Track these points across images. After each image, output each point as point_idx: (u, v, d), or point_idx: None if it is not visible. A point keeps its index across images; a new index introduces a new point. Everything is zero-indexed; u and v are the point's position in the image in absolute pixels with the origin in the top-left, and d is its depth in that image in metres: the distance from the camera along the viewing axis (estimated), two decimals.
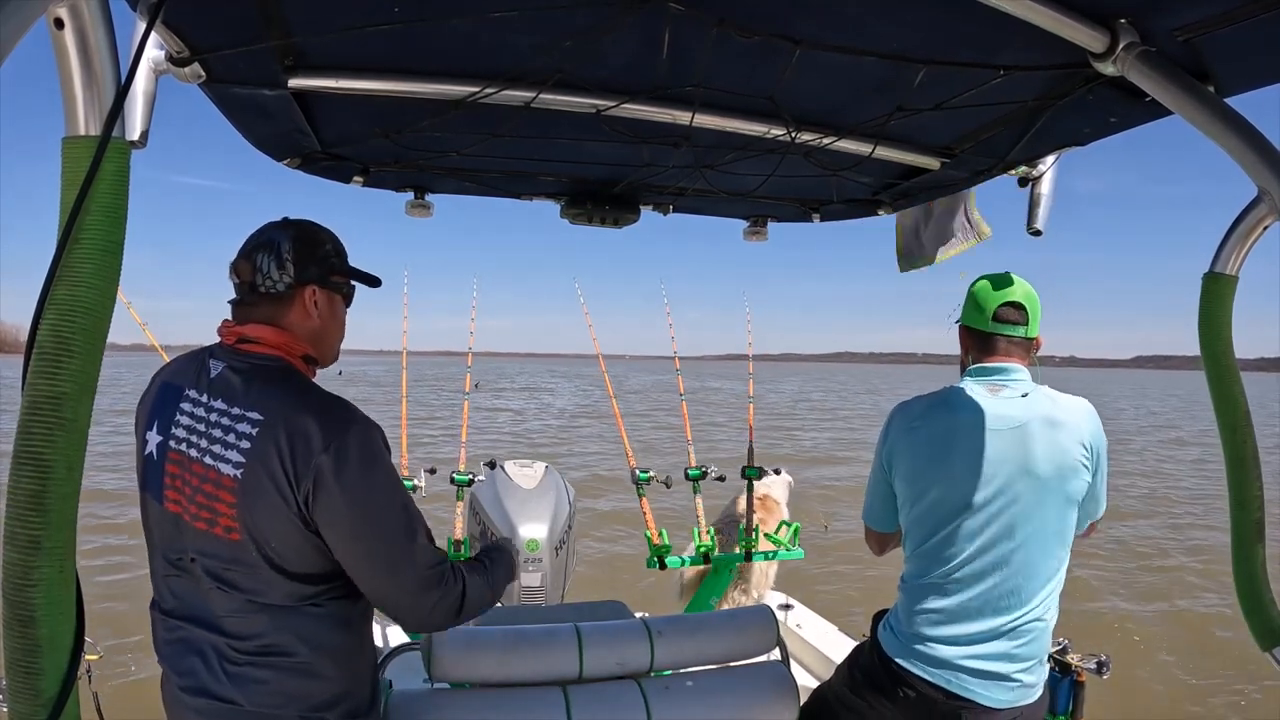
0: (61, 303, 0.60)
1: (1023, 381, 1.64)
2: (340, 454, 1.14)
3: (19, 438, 0.59)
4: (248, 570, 1.16)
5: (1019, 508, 1.56)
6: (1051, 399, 1.63)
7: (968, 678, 1.56)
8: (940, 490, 1.61)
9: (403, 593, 1.20)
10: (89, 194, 0.61)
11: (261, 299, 1.26)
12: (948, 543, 1.61)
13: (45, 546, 0.58)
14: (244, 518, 1.14)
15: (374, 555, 1.18)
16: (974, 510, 1.58)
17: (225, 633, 1.18)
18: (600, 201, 2.19)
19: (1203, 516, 9.82)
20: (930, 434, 1.64)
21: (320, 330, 1.32)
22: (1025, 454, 1.57)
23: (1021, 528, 1.56)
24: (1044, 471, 1.57)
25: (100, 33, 0.61)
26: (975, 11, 1.03)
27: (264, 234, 1.28)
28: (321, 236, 1.33)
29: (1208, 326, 1.11)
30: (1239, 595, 1.11)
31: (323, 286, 1.31)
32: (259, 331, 1.24)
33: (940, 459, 1.61)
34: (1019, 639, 1.57)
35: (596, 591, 4.82)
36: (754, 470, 3.39)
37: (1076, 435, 1.59)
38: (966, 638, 1.58)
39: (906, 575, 1.69)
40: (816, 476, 11.53)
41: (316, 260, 1.30)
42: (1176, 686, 4.77)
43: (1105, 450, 1.64)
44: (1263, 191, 1.02)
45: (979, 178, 1.95)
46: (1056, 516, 1.58)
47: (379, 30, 1.23)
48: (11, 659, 0.60)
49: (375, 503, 1.18)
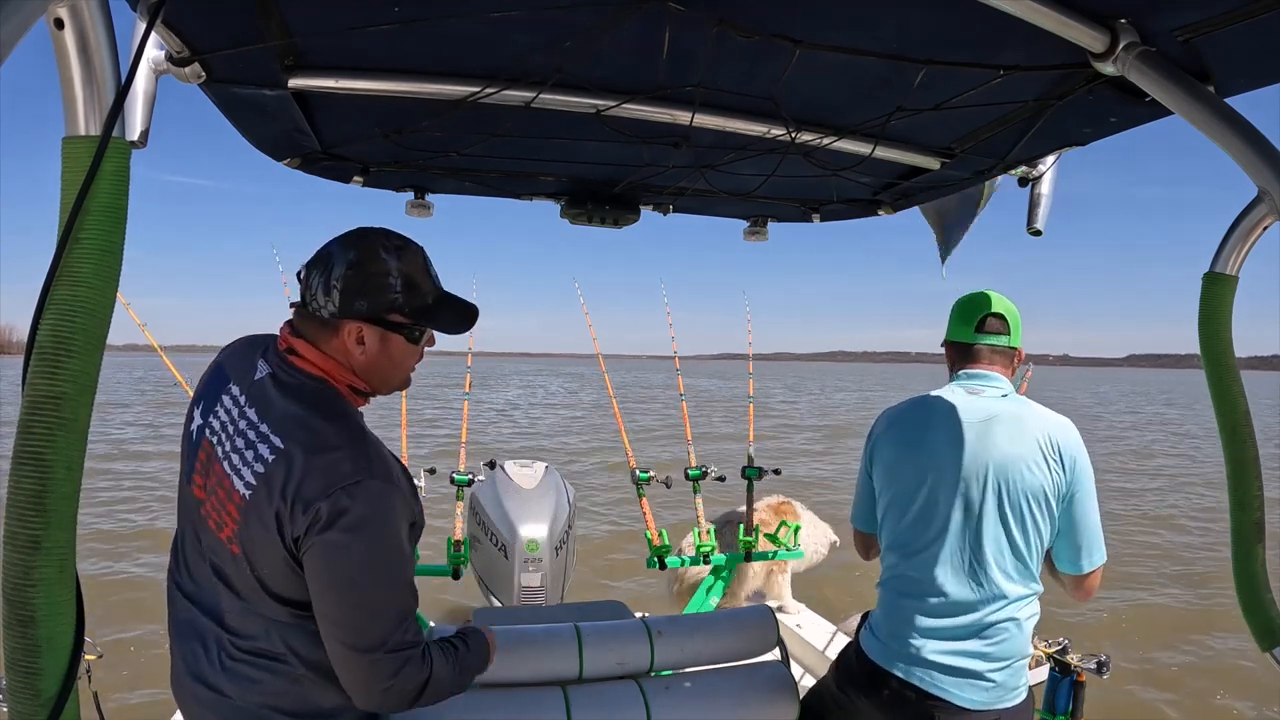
0: (61, 303, 0.60)
1: (1001, 387, 1.68)
2: (340, 508, 1.05)
3: (19, 438, 0.59)
4: (243, 582, 1.13)
5: (984, 500, 1.59)
6: (1028, 404, 1.66)
7: (940, 675, 1.58)
8: (910, 480, 1.66)
9: (357, 668, 1.10)
10: (89, 194, 0.61)
11: (309, 318, 1.16)
12: (915, 532, 1.65)
13: (45, 546, 0.58)
14: (243, 536, 1.10)
15: (342, 622, 1.09)
16: (939, 501, 1.63)
17: (226, 628, 1.15)
18: (600, 201, 2.19)
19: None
20: (905, 428, 1.71)
21: (369, 366, 1.18)
22: (990, 443, 1.60)
23: (986, 519, 1.58)
24: (1004, 457, 1.58)
25: (100, 33, 0.61)
26: (975, 12, 1.03)
27: (328, 246, 1.16)
28: (387, 266, 1.14)
29: (1208, 327, 1.11)
30: (1239, 596, 1.11)
31: (374, 324, 1.15)
32: (305, 349, 1.16)
33: (913, 451, 1.67)
34: (991, 638, 1.57)
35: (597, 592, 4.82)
36: (754, 470, 3.39)
37: (1043, 429, 1.59)
38: (937, 632, 1.60)
39: (882, 572, 1.74)
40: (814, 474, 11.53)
41: (370, 294, 1.13)
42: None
43: (1085, 469, 1.59)
44: (1263, 191, 1.02)
45: (979, 178, 1.95)
46: (1021, 514, 1.58)
47: (379, 30, 1.23)
48: (11, 659, 0.60)
49: (362, 568, 1.08)
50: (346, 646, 1.09)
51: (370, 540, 1.07)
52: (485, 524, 3.21)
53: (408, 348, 1.20)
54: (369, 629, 1.09)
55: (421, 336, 1.21)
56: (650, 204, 2.30)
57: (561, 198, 2.22)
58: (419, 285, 1.17)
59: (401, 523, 1.11)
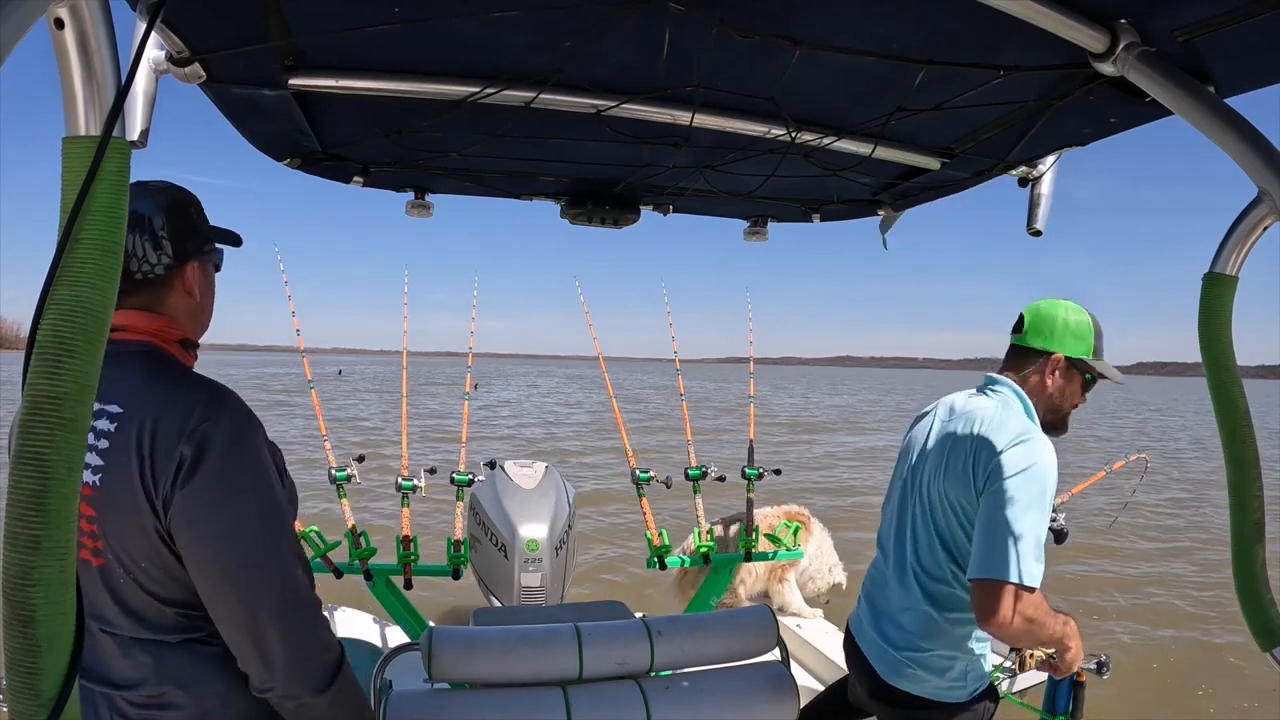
0: (62, 303, 0.60)
1: (1000, 389, 1.73)
2: (207, 441, 0.96)
3: (19, 438, 0.59)
4: (119, 602, 0.99)
5: (918, 485, 1.74)
6: (1005, 406, 1.68)
7: (869, 643, 1.79)
8: (893, 477, 1.89)
9: (262, 628, 0.97)
10: (89, 194, 0.61)
11: (138, 286, 1.09)
12: (882, 514, 1.89)
13: (45, 546, 0.58)
14: (105, 534, 0.98)
15: (234, 576, 0.97)
16: (893, 483, 1.86)
17: (114, 683, 1.01)
18: (600, 202, 2.19)
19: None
20: (911, 425, 1.91)
21: (199, 308, 1.17)
22: (938, 433, 1.74)
23: (910, 507, 1.75)
24: (938, 451, 1.70)
25: (100, 33, 0.61)
26: (975, 12, 1.03)
27: (130, 209, 1.09)
28: (189, 199, 1.16)
29: (1207, 327, 1.11)
30: (1239, 596, 1.11)
31: (199, 259, 1.15)
32: (129, 318, 1.07)
33: (903, 449, 1.88)
34: (903, 620, 1.72)
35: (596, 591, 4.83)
36: (754, 470, 3.39)
37: (978, 429, 1.62)
38: (872, 605, 1.83)
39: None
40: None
41: (192, 232, 1.14)
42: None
43: (1006, 481, 1.50)
44: (1263, 191, 1.02)
45: (979, 178, 1.95)
46: (943, 510, 1.66)
47: (379, 30, 1.23)
48: (11, 659, 0.60)
49: (244, 505, 0.98)
50: (246, 607, 0.97)
51: (244, 474, 0.99)
52: (485, 524, 3.21)
53: (213, 275, 1.22)
54: (266, 574, 0.98)
55: (221, 260, 1.22)
56: (650, 204, 2.30)
57: (561, 198, 2.22)
58: (205, 216, 1.19)
59: (270, 461, 1.04)
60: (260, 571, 0.99)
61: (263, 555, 0.99)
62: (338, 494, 3.06)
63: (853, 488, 11.27)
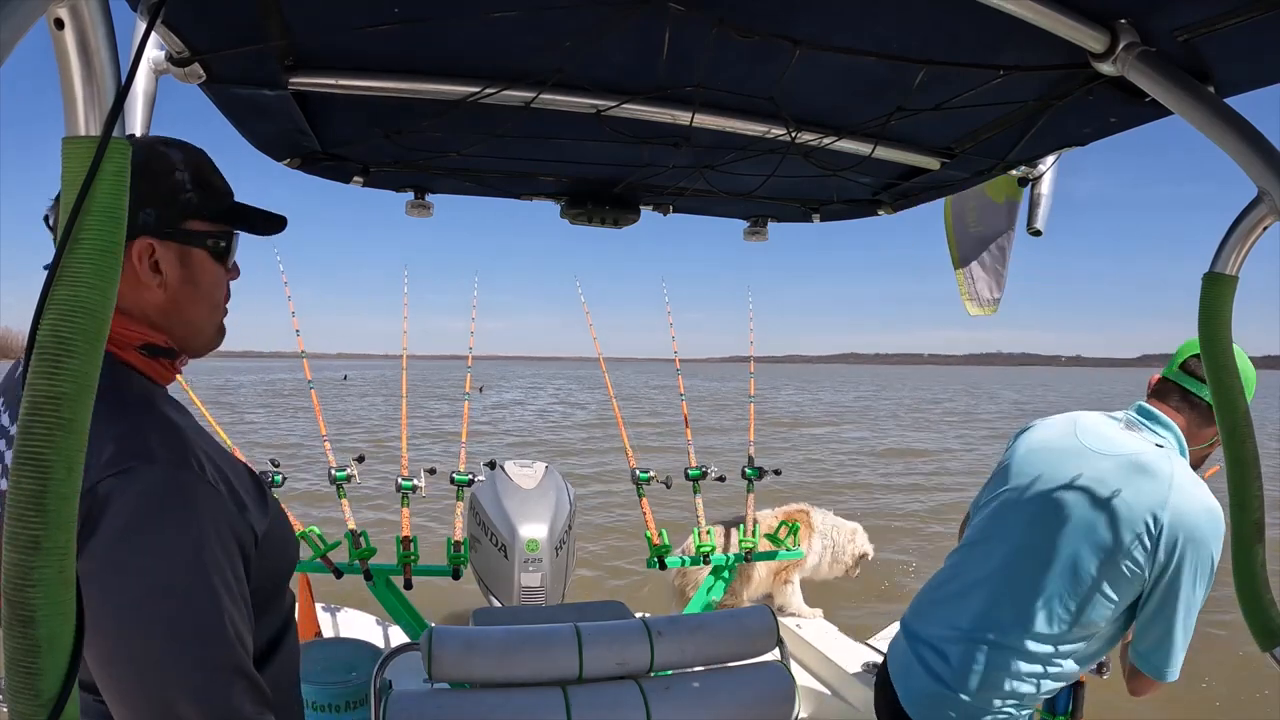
0: (61, 303, 0.60)
1: (1165, 437, 1.46)
2: (105, 506, 0.74)
3: (19, 438, 0.59)
4: None
5: (1044, 527, 1.46)
6: (1178, 465, 1.40)
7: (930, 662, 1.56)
8: (1004, 480, 1.62)
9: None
10: (89, 194, 0.61)
11: None
12: (971, 549, 1.62)
13: (45, 546, 0.58)
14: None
15: (116, 694, 0.76)
16: (993, 511, 1.59)
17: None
18: (600, 202, 2.19)
19: None
20: (1038, 434, 1.64)
21: (171, 304, 0.89)
22: (1079, 474, 1.44)
23: (1024, 555, 1.48)
24: (1083, 503, 1.41)
25: (100, 33, 0.61)
26: (975, 12, 1.03)
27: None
28: (170, 160, 0.89)
29: (1207, 327, 1.11)
30: (1239, 596, 1.11)
31: (165, 239, 0.87)
32: None
33: (1011, 455, 1.65)
34: (974, 657, 1.51)
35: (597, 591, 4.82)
36: (754, 470, 3.39)
37: (1152, 502, 1.35)
38: (938, 620, 1.60)
39: None
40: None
41: (158, 199, 0.87)
42: None
43: (1197, 566, 1.35)
44: (1263, 191, 1.02)
45: (979, 178, 1.95)
46: (1062, 567, 1.41)
47: (379, 30, 1.23)
48: (11, 659, 0.60)
49: (131, 602, 0.75)
50: (132, 697, 0.75)
51: (141, 555, 0.75)
52: (485, 524, 3.21)
53: (213, 267, 0.93)
54: (150, 693, 0.75)
55: (229, 249, 0.94)
56: (650, 204, 2.30)
57: (561, 198, 2.22)
58: (213, 183, 0.92)
59: (206, 527, 0.78)
60: (143, 688, 0.76)
61: (149, 670, 0.76)
62: (338, 494, 3.06)
63: (859, 485, 11.30)
